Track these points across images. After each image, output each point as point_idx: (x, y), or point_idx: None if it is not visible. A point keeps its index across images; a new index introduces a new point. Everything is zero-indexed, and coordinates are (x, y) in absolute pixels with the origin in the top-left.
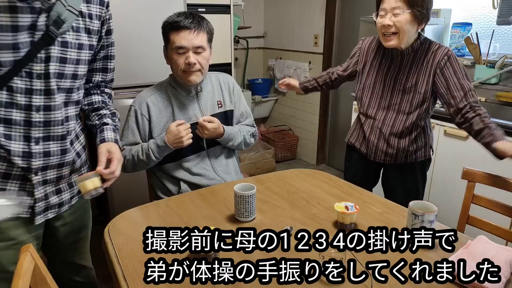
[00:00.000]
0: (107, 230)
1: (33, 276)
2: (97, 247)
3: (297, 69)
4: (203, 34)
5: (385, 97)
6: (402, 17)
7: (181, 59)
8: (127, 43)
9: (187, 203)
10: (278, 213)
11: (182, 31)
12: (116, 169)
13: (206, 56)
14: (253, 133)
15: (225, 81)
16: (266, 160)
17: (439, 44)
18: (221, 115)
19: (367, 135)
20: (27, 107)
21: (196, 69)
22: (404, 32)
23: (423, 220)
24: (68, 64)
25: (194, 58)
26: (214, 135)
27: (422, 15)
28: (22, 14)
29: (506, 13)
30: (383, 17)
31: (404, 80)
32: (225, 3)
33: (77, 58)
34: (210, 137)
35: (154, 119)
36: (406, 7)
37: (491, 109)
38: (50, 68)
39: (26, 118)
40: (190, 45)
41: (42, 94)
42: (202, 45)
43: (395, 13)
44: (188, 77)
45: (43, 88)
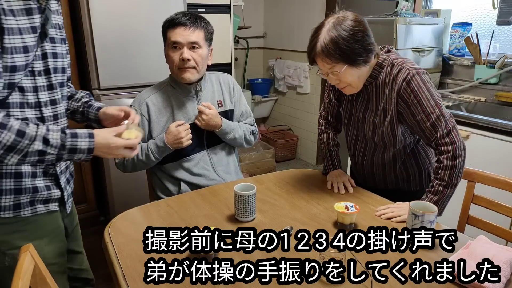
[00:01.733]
0: (107, 230)
1: (33, 276)
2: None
3: (297, 69)
4: (199, 31)
5: (360, 130)
6: (342, 75)
7: (176, 55)
8: (127, 43)
9: (187, 203)
10: (278, 213)
11: (178, 28)
12: None
13: (202, 54)
14: (253, 131)
15: (225, 81)
16: (266, 160)
17: (401, 65)
18: (221, 115)
19: (356, 165)
20: (36, 104)
21: (191, 66)
22: (355, 81)
23: (423, 220)
24: (58, 58)
25: (189, 54)
26: (212, 123)
27: (361, 58)
28: (37, 15)
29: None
30: (327, 77)
31: (372, 115)
32: (225, 3)
33: (63, 53)
34: (208, 127)
35: (153, 119)
36: (341, 64)
37: (491, 109)
38: (49, 64)
39: (38, 115)
40: (185, 41)
41: (45, 89)
42: (198, 42)
43: (333, 72)
44: (182, 74)
45: (46, 84)
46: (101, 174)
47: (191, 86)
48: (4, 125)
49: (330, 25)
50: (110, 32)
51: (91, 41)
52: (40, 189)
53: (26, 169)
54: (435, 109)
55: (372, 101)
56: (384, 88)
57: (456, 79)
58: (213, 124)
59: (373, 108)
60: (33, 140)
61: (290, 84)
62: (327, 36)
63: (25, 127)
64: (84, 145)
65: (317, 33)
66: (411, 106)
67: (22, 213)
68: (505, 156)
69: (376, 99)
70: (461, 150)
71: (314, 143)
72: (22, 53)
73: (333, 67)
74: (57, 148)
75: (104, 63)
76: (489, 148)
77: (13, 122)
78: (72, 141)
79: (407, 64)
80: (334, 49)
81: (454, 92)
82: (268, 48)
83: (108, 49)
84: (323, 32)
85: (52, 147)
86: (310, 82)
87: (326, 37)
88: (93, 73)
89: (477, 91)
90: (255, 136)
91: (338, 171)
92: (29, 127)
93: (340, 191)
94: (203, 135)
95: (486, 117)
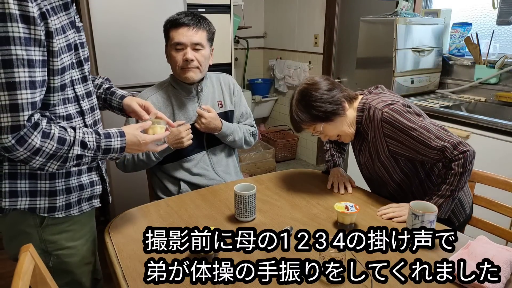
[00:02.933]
0: (107, 230)
1: (33, 276)
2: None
3: (297, 69)
4: (202, 31)
5: (370, 168)
6: (324, 131)
7: (179, 56)
8: (127, 43)
9: (187, 203)
10: (278, 213)
11: (181, 28)
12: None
13: (204, 54)
14: (253, 132)
15: (226, 82)
16: (266, 160)
17: (374, 106)
18: (221, 115)
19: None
20: (75, 99)
21: (194, 66)
22: (341, 132)
23: (423, 220)
24: (85, 48)
25: (192, 54)
26: (212, 126)
27: (330, 113)
28: (72, 8)
29: (506, 13)
30: (318, 135)
31: (373, 156)
32: (225, 3)
33: (85, 41)
34: (208, 130)
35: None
36: (318, 124)
37: (491, 109)
38: (80, 55)
39: (78, 109)
40: (188, 42)
41: (80, 82)
42: (201, 42)
43: (317, 131)
44: (185, 74)
45: (80, 76)
46: None
47: (192, 87)
48: (47, 134)
49: (296, 97)
50: (110, 31)
51: (91, 41)
52: (85, 186)
53: (73, 168)
54: (426, 134)
55: (368, 143)
56: (369, 131)
57: (456, 79)
58: (213, 127)
59: (371, 150)
60: (72, 145)
61: (290, 84)
62: (296, 108)
63: (64, 133)
64: (117, 144)
65: (291, 106)
66: (402, 141)
67: (72, 212)
68: (505, 156)
69: (371, 141)
70: (472, 157)
71: (314, 143)
72: (67, 51)
73: (314, 128)
74: (93, 151)
75: (104, 63)
76: (489, 148)
77: (54, 129)
78: (106, 142)
79: (378, 104)
80: (304, 116)
81: (454, 92)
82: (268, 48)
83: (108, 49)
84: (293, 105)
85: (89, 150)
86: None
87: (296, 109)
88: (93, 73)
89: (477, 91)
90: (254, 137)
91: (339, 170)
92: (67, 132)
93: (340, 191)
94: (203, 136)
95: (486, 117)
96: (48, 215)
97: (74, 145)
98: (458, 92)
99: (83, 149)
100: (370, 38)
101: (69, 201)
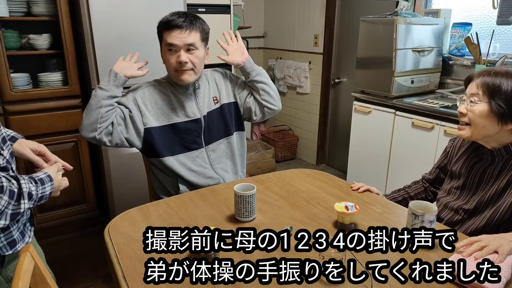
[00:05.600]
0: (107, 230)
1: (33, 276)
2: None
3: (297, 69)
4: (195, 33)
5: (469, 202)
6: (477, 107)
7: (173, 58)
8: (127, 43)
9: (187, 203)
10: (278, 213)
11: (174, 30)
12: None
13: (199, 55)
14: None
15: (220, 75)
16: (266, 160)
17: None
18: (217, 110)
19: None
20: None
21: (188, 68)
22: (476, 125)
23: (423, 220)
24: None
25: (186, 56)
26: (239, 52)
27: (503, 111)
28: None
29: (506, 13)
30: (462, 103)
31: (488, 186)
32: (225, 3)
33: None
34: (234, 54)
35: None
36: (485, 97)
37: None
38: None
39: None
40: (181, 44)
41: None
42: (194, 44)
43: (471, 100)
44: (180, 76)
45: None
46: (101, 174)
47: (189, 85)
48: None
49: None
50: (110, 32)
51: (91, 41)
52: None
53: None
54: None
55: (494, 172)
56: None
57: (456, 79)
58: (239, 53)
59: (493, 180)
60: (19, 199)
61: (290, 84)
62: (510, 82)
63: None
64: (49, 190)
65: (507, 73)
66: None
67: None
68: None
69: (500, 171)
70: None
71: (314, 143)
72: None
73: (476, 95)
74: (35, 201)
75: (104, 63)
76: None
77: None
78: (42, 189)
79: None
80: (504, 93)
81: (454, 92)
82: (268, 48)
83: (108, 49)
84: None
85: (33, 201)
86: (310, 82)
87: (509, 82)
88: (93, 73)
89: None
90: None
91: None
92: (12, 183)
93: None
94: (201, 132)
95: None
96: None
97: (23, 199)
98: (458, 92)
99: (30, 201)
100: (370, 38)
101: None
